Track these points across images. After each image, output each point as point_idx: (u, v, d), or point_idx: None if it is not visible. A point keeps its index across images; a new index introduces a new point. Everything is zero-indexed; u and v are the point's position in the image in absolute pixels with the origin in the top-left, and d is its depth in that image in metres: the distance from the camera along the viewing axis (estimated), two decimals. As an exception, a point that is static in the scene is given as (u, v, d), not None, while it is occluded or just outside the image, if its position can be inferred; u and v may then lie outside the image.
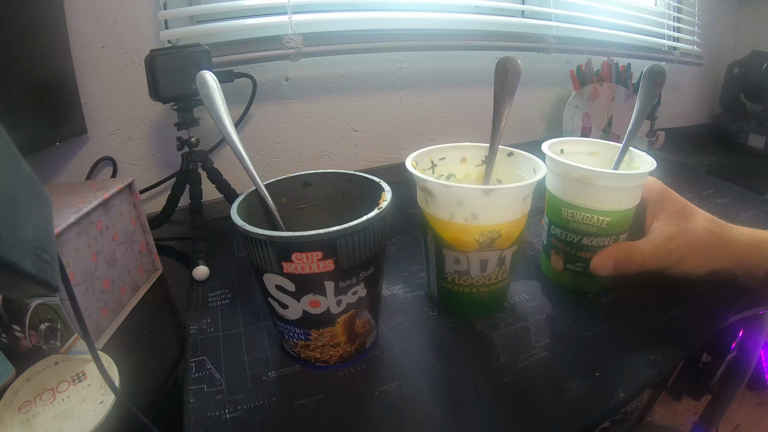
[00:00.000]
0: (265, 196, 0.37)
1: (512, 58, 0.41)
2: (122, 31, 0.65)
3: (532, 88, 1.03)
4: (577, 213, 0.44)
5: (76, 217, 0.39)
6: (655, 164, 0.43)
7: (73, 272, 0.39)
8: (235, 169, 0.74)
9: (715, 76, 1.29)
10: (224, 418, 0.33)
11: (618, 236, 0.45)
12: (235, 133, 0.36)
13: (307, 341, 0.36)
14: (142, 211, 0.51)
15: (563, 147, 0.49)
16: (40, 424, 0.34)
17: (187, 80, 0.55)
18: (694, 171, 0.91)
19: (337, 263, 0.32)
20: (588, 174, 0.42)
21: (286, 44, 0.70)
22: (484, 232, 0.38)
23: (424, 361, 0.39)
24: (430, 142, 0.47)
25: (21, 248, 0.15)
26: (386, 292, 0.48)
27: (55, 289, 0.18)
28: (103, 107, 0.67)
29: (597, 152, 0.51)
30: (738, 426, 0.95)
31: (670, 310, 0.45)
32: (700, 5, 1.17)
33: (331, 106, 0.83)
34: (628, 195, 0.43)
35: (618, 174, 0.43)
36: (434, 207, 0.39)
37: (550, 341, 0.41)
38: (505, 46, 0.89)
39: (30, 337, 0.38)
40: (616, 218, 0.43)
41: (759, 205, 0.71)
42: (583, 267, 0.46)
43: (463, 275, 0.41)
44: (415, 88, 0.89)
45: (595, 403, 0.34)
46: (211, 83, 0.36)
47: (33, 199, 0.17)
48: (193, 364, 0.39)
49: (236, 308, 0.46)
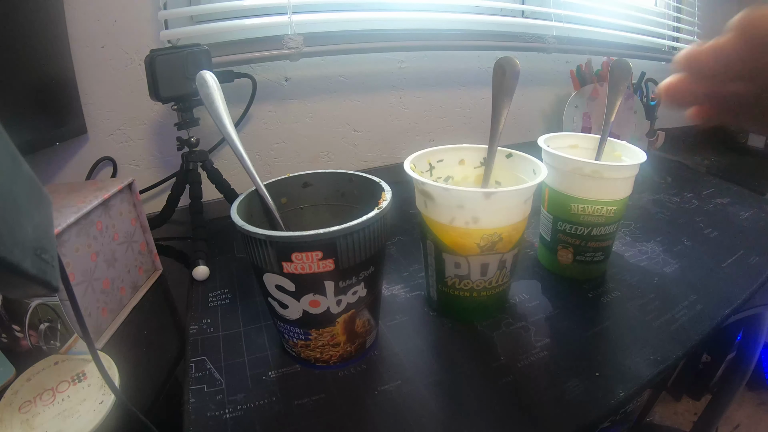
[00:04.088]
0: (265, 196, 0.37)
1: (510, 59, 0.41)
2: (122, 31, 0.65)
3: (531, 88, 1.03)
4: (587, 206, 0.46)
5: (76, 217, 0.39)
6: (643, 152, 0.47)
7: (73, 272, 0.39)
8: (235, 169, 0.74)
9: (715, 76, 1.28)
10: (224, 418, 0.33)
11: (620, 221, 0.49)
12: (235, 133, 0.36)
13: (307, 341, 0.36)
14: (142, 211, 0.51)
15: (548, 143, 0.50)
16: (40, 424, 0.34)
17: (187, 80, 0.55)
18: (694, 171, 0.91)
19: (337, 263, 0.32)
20: (600, 168, 0.44)
21: (286, 44, 0.70)
22: (485, 236, 0.38)
23: (424, 361, 0.39)
24: (430, 142, 0.47)
25: (21, 248, 0.15)
26: (386, 292, 0.48)
27: (55, 289, 0.18)
28: (103, 107, 0.67)
29: (576, 145, 0.54)
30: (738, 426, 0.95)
31: (670, 310, 0.45)
32: (700, 5, 1.16)
33: (331, 106, 0.83)
34: (631, 182, 0.47)
35: (627, 165, 0.45)
36: (434, 211, 0.39)
37: (550, 341, 0.41)
38: (505, 46, 0.89)
39: (30, 337, 0.38)
40: (620, 206, 0.47)
41: (759, 205, 0.71)
42: (593, 256, 0.49)
43: (464, 279, 0.41)
44: (415, 88, 0.89)
45: (595, 403, 0.34)
46: (211, 83, 0.36)
47: (33, 199, 0.17)
48: (193, 364, 0.39)
49: (236, 308, 0.46)
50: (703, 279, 0.51)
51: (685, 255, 0.56)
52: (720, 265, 0.53)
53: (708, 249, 0.57)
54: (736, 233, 0.62)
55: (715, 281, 0.50)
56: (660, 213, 0.69)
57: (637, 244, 0.58)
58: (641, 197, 0.74)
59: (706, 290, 0.47)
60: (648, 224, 0.65)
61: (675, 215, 0.68)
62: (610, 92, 0.51)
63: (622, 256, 0.55)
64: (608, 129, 0.51)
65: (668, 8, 1.12)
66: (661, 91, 0.30)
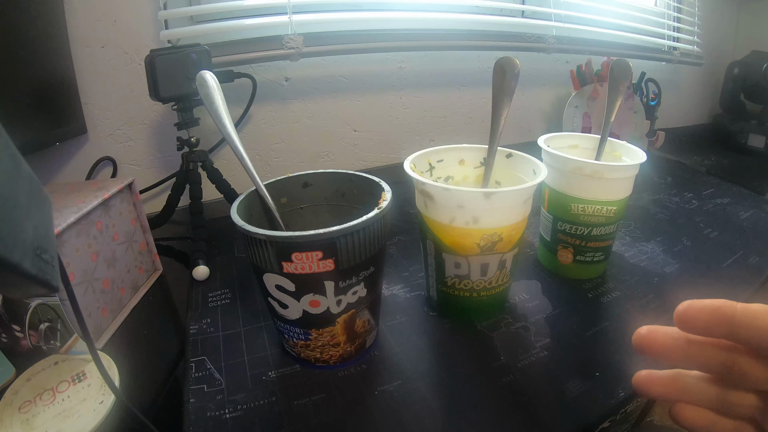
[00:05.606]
0: (265, 196, 0.37)
1: (510, 59, 0.41)
2: (122, 31, 0.65)
3: (531, 88, 1.03)
4: (588, 206, 0.46)
5: (76, 217, 0.39)
6: (643, 152, 0.47)
7: (73, 272, 0.39)
8: (235, 169, 0.74)
9: (715, 76, 1.29)
10: (224, 418, 0.33)
11: (620, 221, 0.49)
12: (235, 133, 0.36)
13: (307, 341, 0.36)
14: (142, 211, 0.51)
15: (548, 143, 0.50)
16: (40, 424, 0.34)
17: (187, 80, 0.55)
18: (694, 171, 0.91)
19: (337, 263, 0.32)
20: (600, 168, 0.44)
21: (286, 44, 0.70)
22: (485, 236, 0.38)
23: (424, 361, 0.39)
24: (430, 142, 0.47)
25: (21, 248, 0.15)
26: (386, 292, 0.48)
27: (55, 289, 0.18)
28: (103, 107, 0.67)
29: (576, 145, 0.54)
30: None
31: (670, 310, 0.45)
32: (700, 5, 1.16)
33: (331, 106, 0.83)
34: (631, 182, 0.47)
35: (627, 166, 0.45)
36: (434, 211, 0.39)
37: (550, 341, 0.41)
38: (504, 46, 0.89)
39: (30, 337, 0.38)
40: (620, 206, 0.47)
41: (759, 205, 0.71)
42: (593, 256, 0.49)
43: (464, 279, 0.41)
44: (414, 88, 0.89)
45: (595, 403, 0.34)
46: (211, 83, 0.36)
47: (33, 199, 0.17)
48: (193, 364, 0.39)
49: (236, 308, 0.46)
50: (703, 279, 0.51)
51: (685, 255, 0.56)
52: (720, 265, 0.53)
53: (708, 249, 0.57)
54: (736, 233, 0.62)
55: (715, 281, 0.50)
56: (660, 213, 0.69)
57: (637, 244, 0.58)
58: (641, 197, 0.74)
59: (706, 290, 0.47)
60: (648, 224, 0.65)
61: (675, 215, 0.68)
62: (610, 92, 0.51)
63: (622, 256, 0.55)
64: (608, 129, 0.51)
65: (668, 8, 1.12)
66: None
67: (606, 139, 0.51)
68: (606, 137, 0.51)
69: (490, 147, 0.44)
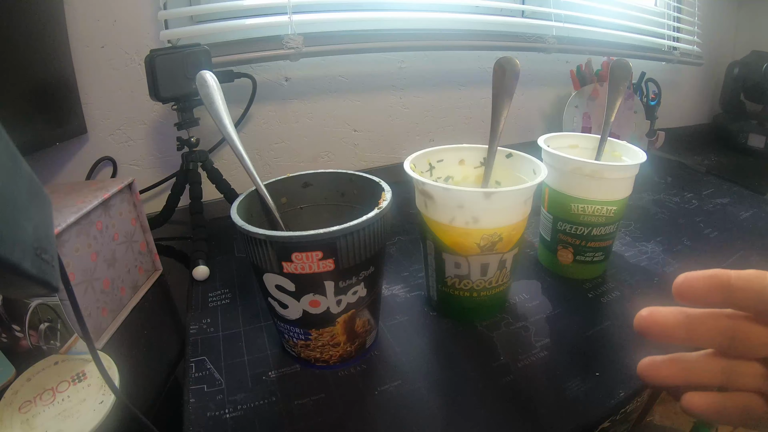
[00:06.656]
0: (265, 196, 0.37)
1: (510, 58, 0.41)
2: (122, 31, 0.65)
3: (532, 88, 1.03)
4: (588, 206, 0.46)
5: (76, 217, 0.39)
6: (643, 152, 0.47)
7: (73, 272, 0.39)
8: (235, 169, 0.74)
9: (715, 76, 1.29)
10: (224, 418, 0.33)
11: (620, 221, 0.49)
12: (235, 133, 0.36)
13: (307, 341, 0.36)
14: (142, 211, 0.51)
15: (548, 143, 0.50)
16: (40, 424, 0.34)
17: (187, 80, 0.55)
18: (694, 171, 0.91)
19: (337, 263, 0.32)
20: (600, 168, 0.44)
21: (286, 44, 0.70)
22: (485, 236, 0.38)
23: (424, 360, 0.39)
24: (430, 142, 0.47)
25: (21, 248, 0.15)
26: (386, 292, 0.48)
27: (55, 289, 0.18)
28: (103, 107, 0.67)
29: (576, 145, 0.54)
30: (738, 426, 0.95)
31: (670, 310, 0.45)
32: (700, 5, 1.16)
33: (331, 106, 0.83)
34: (631, 182, 0.47)
35: (627, 166, 0.45)
36: (434, 211, 0.39)
37: (550, 341, 0.41)
38: (505, 46, 0.89)
39: (30, 337, 0.38)
40: (620, 206, 0.47)
41: (759, 205, 0.71)
42: (593, 256, 0.49)
43: (464, 279, 0.41)
44: (415, 88, 0.89)
45: (595, 403, 0.34)
46: (211, 83, 0.36)
47: (33, 199, 0.17)
48: (193, 364, 0.39)
49: (236, 308, 0.46)
50: (703, 279, 0.51)
51: (685, 255, 0.56)
52: (720, 266, 0.53)
53: (708, 249, 0.57)
54: (736, 233, 0.62)
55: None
56: (660, 213, 0.69)
57: (637, 244, 0.58)
58: (641, 197, 0.74)
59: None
60: (648, 224, 0.64)
61: (675, 215, 0.68)
62: (610, 92, 0.51)
63: (622, 256, 0.55)
64: (608, 129, 0.51)
65: (668, 8, 1.12)
66: None
67: (606, 139, 0.51)
68: (606, 137, 0.51)
69: (490, 147, 0.44)
